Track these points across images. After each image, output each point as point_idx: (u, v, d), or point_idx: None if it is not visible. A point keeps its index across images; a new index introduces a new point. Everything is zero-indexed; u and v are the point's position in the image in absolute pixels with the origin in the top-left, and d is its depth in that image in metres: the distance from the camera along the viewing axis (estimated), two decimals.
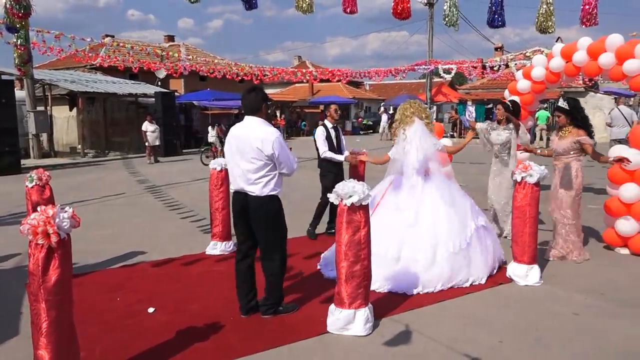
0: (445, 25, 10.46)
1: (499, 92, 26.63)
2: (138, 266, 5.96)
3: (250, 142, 4.12)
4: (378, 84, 47.18)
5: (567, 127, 5.94)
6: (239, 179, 4.26)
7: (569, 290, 4.93)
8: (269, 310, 4.41)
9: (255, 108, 4.25)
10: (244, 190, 4.25)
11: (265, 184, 4.18)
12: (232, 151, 4.30)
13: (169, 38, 35.98)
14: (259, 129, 4.18)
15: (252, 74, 18.03)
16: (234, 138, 4.31)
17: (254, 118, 4.23)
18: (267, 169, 4.16)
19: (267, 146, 4.08)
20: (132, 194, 11.35)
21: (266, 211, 4.25)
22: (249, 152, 4.13)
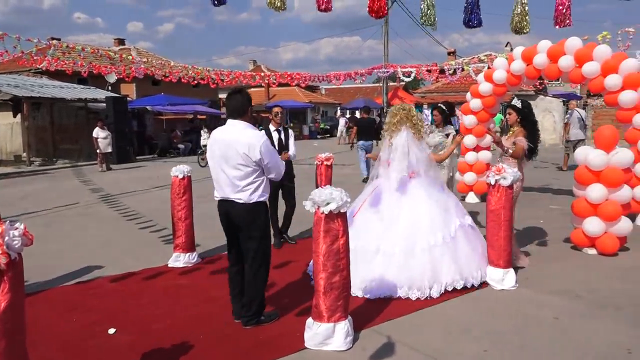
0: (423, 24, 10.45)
1: (454, 96, 27.11)
2: (95, 282, 5.56)
3: (236, 147, 3.94)
4: (334, 88, 47.30)
5: (515, 126, 5.84)
6: (225, 186, 4.08)
7: (545, 293, 4.89)
8: (251, 321, 4.21)
9: (241, 111, 4.09)
10: (229, 198, 4.07)
11: (254, 190, 4.03)
12: (216, 157, 4.09)
13: (119, 41, 34.82)
14: (245, 134, 4.00)
15: (208, 78, 17.58)
16: (218, 143, 4.11)
17: (239, 122, 4.06)
18: (254, 175, 4.01)
19: (254, 151, 3.92)
20: (85, 203, 10.78)
21: (253, 219, 4.09)
22: (235, 158, 3.95)
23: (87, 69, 17.12)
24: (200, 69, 17.85)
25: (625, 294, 4.84)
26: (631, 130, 7.40)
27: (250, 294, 4.21)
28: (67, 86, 22.40)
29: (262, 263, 4.22)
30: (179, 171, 6.01)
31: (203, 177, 10.17)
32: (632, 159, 6.03)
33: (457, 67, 18.87)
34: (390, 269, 4.83)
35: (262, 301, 4.29)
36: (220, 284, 5.31)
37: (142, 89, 28.89)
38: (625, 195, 5.97)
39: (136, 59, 18.00)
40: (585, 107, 25.71)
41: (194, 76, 17.53)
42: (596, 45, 7.74)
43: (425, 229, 4.96)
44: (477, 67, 17.61)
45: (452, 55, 32.99)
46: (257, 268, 4.19)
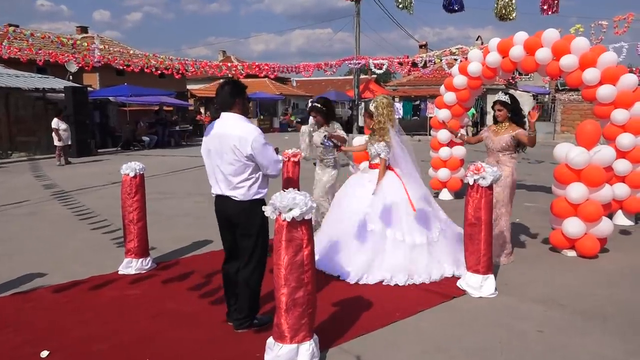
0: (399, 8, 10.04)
1: (426, 89, 26.96)
2: (34, 293, 4.98)
3: (228, 141, 3.73)
4: (305, 80, 46.70)
5: (505, 122, 5.65)
6: (220, 183, 3.87)
7: (526, 301, 4.55)
8: (244, 324, 3.93)
9: (230, 103, 3.85)
10: (225, 195, 3.86)
11: (249, 187, 3.81)
12: (210, 152, 3.88)
13: (81, 29, 33.40)
14: (238, 127, 3.77)
15: (172, 67, 16.81)
16: (211, 137, 3.87)
17: (231, 114, 3.85)
18: (249, 170, 3.78)
19: (245, 146, 3.69)
20: (36, 201, 10.06)
21: (251, 217, 3.80)
22: (227, 153, 3.74)
23: (43, 57, 16.14)
24: (162, 57, 17.03)
25: (611, 301, 4.54)
26: (609, 126, 7.15)
27: (244, 295, 3.92)
28: (23, 75, 21.25)
29: (257, 263, 3.93)
30: (130, 169, 5.47)
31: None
32: (614, 157, 5.76)
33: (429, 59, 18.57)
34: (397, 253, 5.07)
35: (256, 303, 4.02)
36: (175, 293, 4.86)
37: (105, 79, 27.78)
38: (606, 195, 5.69)
39: (92, 46, 16.97)
40: (554, 102, 25.91)
41: (156, 66, 16.72)
42: (574, 38, 7.46)
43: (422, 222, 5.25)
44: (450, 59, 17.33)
45: (423, 48, 32.86)
46: (252, 268, 3.90)
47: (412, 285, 4.94)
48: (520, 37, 7.74)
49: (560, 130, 24.92)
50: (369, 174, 5.61)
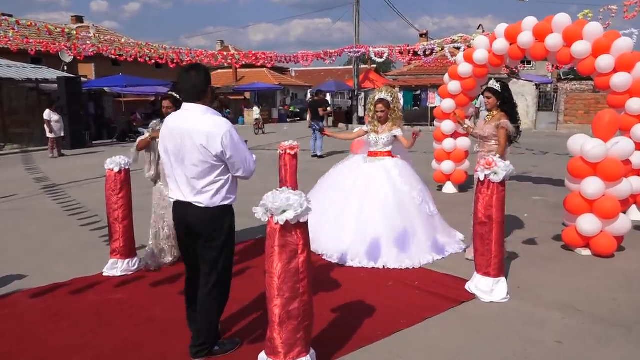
0: None
1: (427, 79, 26.50)
2: (11, 297, 4.63)
3: (193, 138, 3.14)
4: (304, 70, 46.16)
5: (494, 110, 5.35)
6: (182, 186, 3.29)
7: (541, 307, 4.21)
8: (201, 352, 3.40)
9: (198, 92, 3.24)
10: (187, 201, 3.27)
11: (216, 191, 3.24)
12: (170, 150, 3.28)
13: (76, 19, 32.89)
14: (204, 121, 3.17)
15: (166, 57, 16.32)
16: (171, 133, 3.24)
17: (196, 106, 3.23)
18: (216, 172, 3.21)
19: (215, 142, 3.11)
20: (24, 195, 9.70)
21: (216, 227, 3.27)
22: (191, 152, 3.17)
23: (34, 47, 15.68)
24: (155, 46, 16.52)
25: (633, 307, 4.20)
26: (624, 116, 6.77)
27: (202, 317, 3.40)
28: (15, 65, 20.80)
29: (220, 279, 3.38)
30: (115, 163, 5.10)
31: None
32: (633, 149, 5.39)
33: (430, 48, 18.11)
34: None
35: (216, 327, 3.49)
36: (162, 298, 4.53)
37: (101, 69, 27.30)
38: (624, 190, 5.33)
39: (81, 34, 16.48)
40: (557, 92, 25.47)
41: (150, 55, 16.24)
42: (587, 23, 7.06)
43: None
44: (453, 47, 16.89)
45: (424, 37, 32.38)
46: (212, 284, 3.36)
47: (418, 289, 4.60)
48: (529, 22, 7.34)
49: (564, 120, 24.50)
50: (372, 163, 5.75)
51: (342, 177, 5.89)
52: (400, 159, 5.82)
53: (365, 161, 5.82)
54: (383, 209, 5.38)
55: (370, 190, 5.50)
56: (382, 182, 5.54)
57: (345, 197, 5.59)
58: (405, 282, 4.76)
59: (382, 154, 5.75)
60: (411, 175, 5.75)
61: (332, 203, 5.65)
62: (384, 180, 5.54)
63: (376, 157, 5.77)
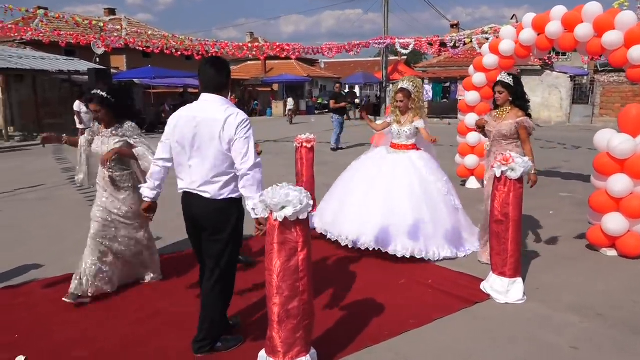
0: None
1: (457, 70, 25.99)
2: (25, 287, 4.70)
3: (210, 127, 3.17)
4: (333, 62, 45.93)
5: (505, 106, 4.96)
6: (192, 176, 3.29)
7: (559, 309, 4.03)
8: (203, 348, 3.38)
9: (217, 83, 3.27)
10: (194, 191, 3.28)
11: (225, 183, 3.24)
12: (182, 139, 3.29)
13: (109, 11, 33.46)
14: (222, 111, 3.18)
15: (192, 48, 16.39)
16: (186, 122, 3.25)
17: (215, 97, 3.26)
18: (227, 163, 3.21)
19: (230, 130, 3.14)
20: (51, 185, 9.89)
21: (222, 219, 3.24)
22: (207, 141, 3.19)
23: (65, 39, 15.97)
24: (182, 38, 16.61)
25: None
26: None
27: (204, 312, 3.38)
28: (48, 57, 21.27)
29: (223, 275, 3.35)
30: None
31: None
32: None
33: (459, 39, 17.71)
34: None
35: (219, 323, 3.45)
36: (170, 291, 4.52)
37: (132, 61, 27.71)
38: None
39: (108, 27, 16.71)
40: (593, 84, 24.65)
41: (176, 47, 16.35)
42: (619, 12, 6.73)
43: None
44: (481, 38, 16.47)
45: (455, 27, 31.76)
46: (215, 280, 3.35)
47: (431, 287, 4.48)
48: (557, 11, 7.04)
49: (599, 113, 23.73)
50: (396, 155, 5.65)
51: (365, 167, 5.82)
52: (424, 152, 5.71)
53: (389, 152, 5.73)
54: (409, 196, 5.27)
55: (396, 178, 5.41)
56: (408, 170, 5.45)
57: (370, 183, 5.51)
58: (418, 280, 4.64)
59: (407, 147, 5.65)
60: (436, 167, 5.64)
61: (357, 188, 5.59)
62: (410, 169, 5.46)
63: (400, 149, 5.67)
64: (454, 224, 5.36)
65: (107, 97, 4.20)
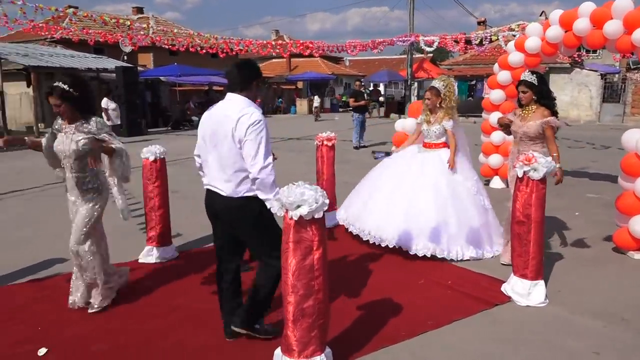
0: None
1: (483, 68, 25.64)
2: (50, 281, 4.82)
3: (224, 124, 3.22)
4: (358, 59, 45.78)
5: (530, 105, 4.78)
6: (211, 172, 3.37)
7: (582, 313, 3.94)
8: (245, 323, 3.42)
9: (240, 83, 3.31)
10: (214, 188, 3.35)
11: (241, 181, 3.25)
12: (204, 136, 3.40)
13: (137, 10, 34.01)
14: (237, 110, 3.21)
15: (217, 46, 16.52)
16: (208, 119, 3.40)
17: (237, 96, 3.32)
18: (242, 161, 3.22)
19: (242, 128, 3.15)
20: None
21: (239, 217, 3.28)
22: (222, 138, 3.24)
23: (93, 38, 16.28)
24: (207, 36, 16.76)
25: None
26: None
27: (254, 293, 3.39)
28: (78, 55, 21.72)
29: (268, 262, 3.33)
30: (150, 152, 5.20)
31: None
32: None
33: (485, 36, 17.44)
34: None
35: (265, 306, 3.48)
36: (189, 287, 4.57)
37: (159, 58, 28.11)
38: None
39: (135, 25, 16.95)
40: (625, 82, 24.04)
41: (201, 45, 16.49)
42: None
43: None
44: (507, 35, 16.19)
45: (482, 25, 31.30)
46: (265, 265, 3.37)
47: (451, 289, 4.42)
48: (586, 8, 6.88)
49: (631, 112, 23.13)
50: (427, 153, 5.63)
51: (395, 164, 5.83)
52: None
53: (420, 151, 5.74)
54: (435, 196, 5.26)
55: (423, 176, 5.41)
56: (436, 169, 5.43)
57: (397, 181, 5.52)
58: (437, 281, 4.59)
59: (437, 146, 5.62)
60: (466, 166, 5.59)
61: (384, 185, 5.62)
62: (438, 168, 5.44)
63: (430, 148, 5.65)
64: (481, 224, 5.30)
65: (69, 90, 3.76)
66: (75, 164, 3.92)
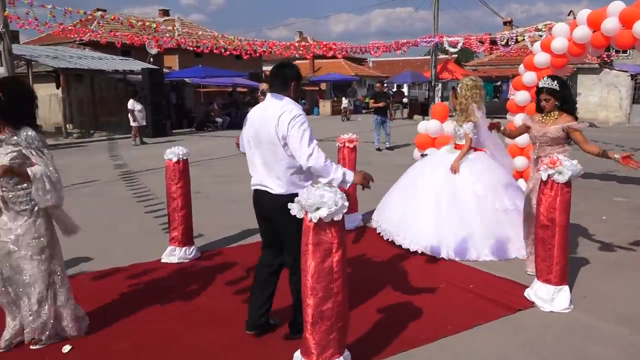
0: None
1: (509, 69, 25.26)
2: (75, 279, 4.86)
3: (267, 124, 3.30)
4: (382, 60, 45.61)
5: (553, 111, 4.60)
6: (259, 172, 3.43)
7: (607, 320, 3.84)
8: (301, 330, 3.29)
9: (280, 83, 3.41)
10: (262, 187, 3.42)
11: (288, 178, 3.32)
12: (249, 137, 3.48)
13: (163, 12, 34.47)
14: (277, 107, 3.30)
15: (241, 48, 16.65)
16: (251, 120, 3.49)
17: (277, 95, 3.40)
18: (287, 159, 3.29)
19: (283, 125, 3.21)
20: (104, 181, 10.28)
21: (286, 214, 3.16)
22: (265, 138, 3.32)
23: (120, 40, 16.58)
24: (231, 38, 16.90)
25: None
26: None
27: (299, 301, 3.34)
28: (105, 57, 22.13)
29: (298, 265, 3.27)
30: (173, 154, 5.25)
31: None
32: None
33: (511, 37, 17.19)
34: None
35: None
36: (210, 287, 4.63)
37: (184, 60, 28.42)
38: None
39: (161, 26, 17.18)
40: None
41: (225, 47, 16.65)
42: None
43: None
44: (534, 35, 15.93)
45: (508, 25, 30.89)
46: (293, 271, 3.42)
47: (472, 293, 4.36)
48: (615, 7, 6.72)
49: None
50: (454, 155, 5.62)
51: (425, 169, 5.88)
52: (482, 152, 5.66)
53: (448, 152, 5.77)
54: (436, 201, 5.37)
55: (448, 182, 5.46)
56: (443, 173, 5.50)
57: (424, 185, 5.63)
58: (458, 285, 4.53)
59: (461, 147, 5.62)
60: (488, 168, 5.55)
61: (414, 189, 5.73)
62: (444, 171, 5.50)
63: (457, 149, 5.66)
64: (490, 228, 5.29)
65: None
66: (4, 180, 3.31)
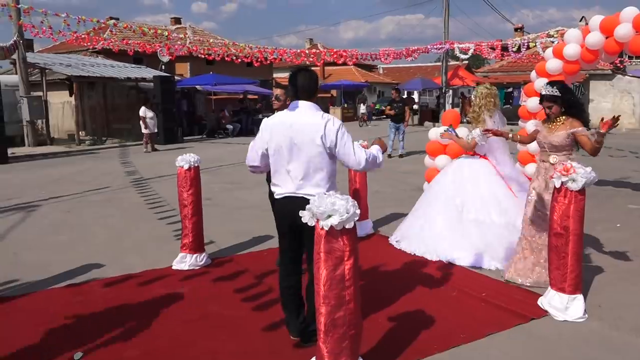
0: None
1: (520, 75, 25.15)
2: (87, 285, 4.92)
3: (308, 131, 3.32)
4: (392, 67, 45.64)
5: (560, 117, 4.54)
6: (294, 180, 3.40)
7: (622, 330, 3.78)
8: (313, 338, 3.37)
9: (311, 90, 3.47)
10: (297, 195, 3.37)
11: (327, 183, 3.40)
12: (279, 146, 3.42)
13: (175, 20, 34.78)
14: (318, 116, 3.37)
15: (252, 55, 16.75)
16: (281, 129, 3.42)
17: (309, 103, 3.43)
18: (326, 163, 3.38)
19: (331, 135, 3.31)
20: (115, 187, 10.34)
21: None
22: (306, 145, 3.33)
23: (133, 48, 16.76)
24: (242, 45, 17.02)
25: None
26: None
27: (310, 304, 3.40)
28: (117, 65, 22.34)
29: None
30: (185, 161, 5.27)
31: None
32: None
33: (522, 43, 17.11)
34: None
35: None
36: (221, 294, 4.62)
37: (196, 68, 28.63)
38: None
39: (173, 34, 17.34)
40: None
41: (236, 54, 16.76)
42: None
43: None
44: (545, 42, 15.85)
45: (519, 31, 30.78)
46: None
47: (485, 301, 4.32)
48: (628, 13, 6.66)
49: None
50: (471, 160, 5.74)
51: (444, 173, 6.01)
52: (485, 161, 5.66)
53: (465, 157, 5.86)
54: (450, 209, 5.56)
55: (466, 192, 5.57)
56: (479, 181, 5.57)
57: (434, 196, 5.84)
58: (471, 293, 4.49)
59: (474, 154, 5.71)
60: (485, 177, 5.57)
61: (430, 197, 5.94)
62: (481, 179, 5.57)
63: (470, 156, 5.75)
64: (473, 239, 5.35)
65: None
66: None
